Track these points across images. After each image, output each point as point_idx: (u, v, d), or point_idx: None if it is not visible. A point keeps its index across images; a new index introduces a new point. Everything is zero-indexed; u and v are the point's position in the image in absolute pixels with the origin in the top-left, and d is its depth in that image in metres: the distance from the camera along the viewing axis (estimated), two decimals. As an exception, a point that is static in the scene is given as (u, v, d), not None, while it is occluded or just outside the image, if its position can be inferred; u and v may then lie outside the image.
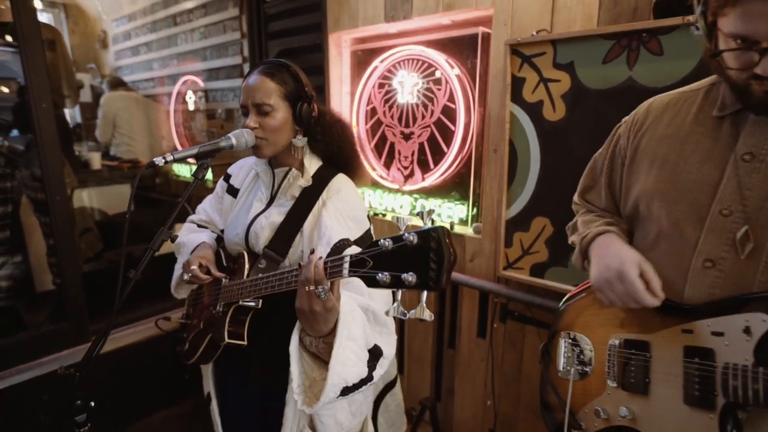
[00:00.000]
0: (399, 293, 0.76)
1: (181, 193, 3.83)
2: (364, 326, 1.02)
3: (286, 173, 1.26)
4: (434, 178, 2.22)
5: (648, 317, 0.91)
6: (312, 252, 0.91)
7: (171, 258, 1.53)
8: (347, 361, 0.96)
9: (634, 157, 0.99)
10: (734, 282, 0.81)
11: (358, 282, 0.82)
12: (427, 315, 0.72)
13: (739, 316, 0.79)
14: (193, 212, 2.81)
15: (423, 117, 2.25)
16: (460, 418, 2.24)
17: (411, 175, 2.34)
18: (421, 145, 2.27)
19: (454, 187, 2.16)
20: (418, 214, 0.74)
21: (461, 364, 2.19)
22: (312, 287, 0.87)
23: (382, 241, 0.76)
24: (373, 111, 2.45)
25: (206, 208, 1.53)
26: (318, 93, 2.53)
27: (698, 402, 0.81)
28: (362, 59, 2.48)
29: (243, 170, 1.43)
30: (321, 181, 1.23)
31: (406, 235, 0.73)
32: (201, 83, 3.63)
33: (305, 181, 1.23)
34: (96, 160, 3.12)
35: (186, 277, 1.26)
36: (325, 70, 2.49)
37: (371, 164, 2.49)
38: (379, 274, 0.76)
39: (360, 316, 1.01)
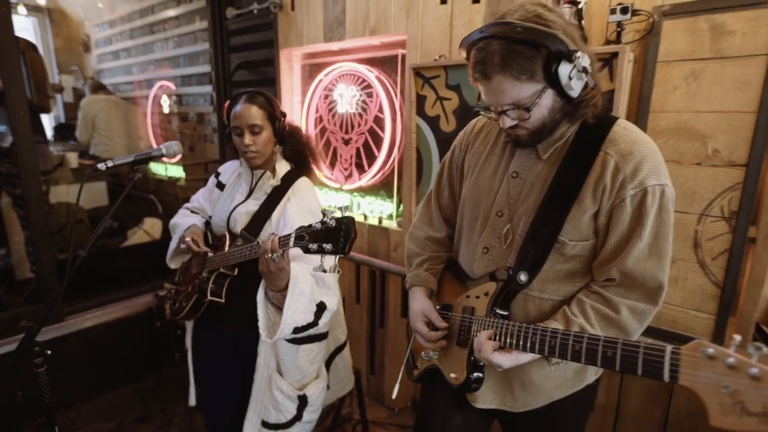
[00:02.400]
0: (324, 257, 1.14)
1: (156, 189, 4.13)
2: (312, 286, 1.41)
3: (262, 174, 1.62)
4: (368, 178, 2.54)
5: (457, 288, 1.23)
6: (273, 235, 1.29)
7: (141, 249, 1.85)
8: (297, 308, 1.34)
9: (463, 167, 1.30)
10: (497, 263, 1.13)
11: (314, 258, 1.23)
12: (337, 269, 1.13)
13: (487, 285, 1.12)
14: (160, 206, 3.17)
15: (359, 125, 2.57)
16: (389, 389, 2.57)
17: (350, 175, 2.66)
18: (358, 149, 2.59)
19: (383, 186, 2.49)
20: (340, 208, 1.11)
21: (389, 341, 2.51)
22: (270, 255, 1.24)
23: (314, 224, 1.14)
24: (320, 118, 2.77)
25: (199, 198, 1.87)
26: (271, 102, 2.86)
27: (461, 343, 1.14)
28: (310, 72, 2.79)
29: (229, 170, 1.78)
30: (288, 181, 1.60)
31: (327, 220, 1.11)
32: (174, 88, 3.93)
33: (275, 181, 1.59)
34: (74, 160, 3.41)
35: (182, 245, 1.62)
36: (278, 82, 2.80)
37: (318, 165, 2.80)
38: (310, 245, 1.14)
39: (309, 279, 1.40)
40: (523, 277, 1.06)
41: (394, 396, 1.32)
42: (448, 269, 1.33)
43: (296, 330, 1.37)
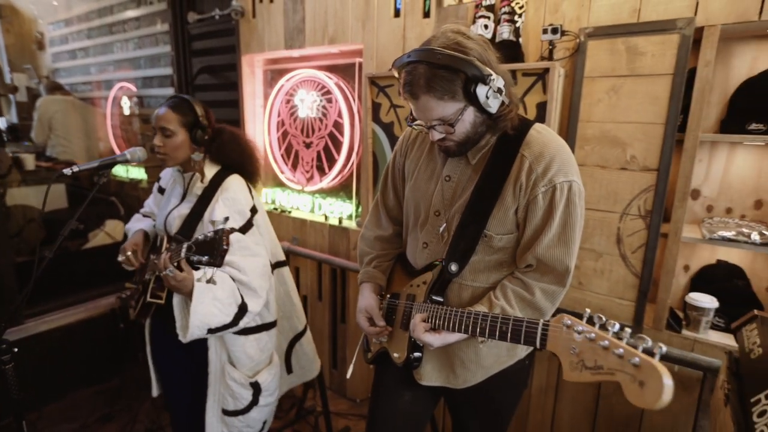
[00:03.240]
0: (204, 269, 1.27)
1: (118, 192, 4.09)
2: (232, 291, 1.47)
3: (191, 177, 1.67)
4: (328, 180, 2.64)
5: (404, 278, 1.36)
6: (166, 252, 1.37)
7: (102, 252, 1.88)
8: (207, 312, 1.41)
9: (404, 171, 1.43)
10: (434, 256, 1.27)
11: (240, 263, 1.40)
12: (211, 280, 1.28)
13: (425, 275, 1.26)
14: (122, 207, 3.17)
15: (320, 129, 2.67)
16: (351, 382, 2.69)
17: (311, 178, 2.75)
18: (319, 152, 2.69)
19: (342, 188, 2.60)
20: (224, 219, 1.25)
21: (350, 336, 2.63)
22: (164, 271, 1.35)
23: (198, 236, 1.27)
24: (282, 122, 2.85)
25: (149, 203, 1.92)
26: (233, 106, 2.92)
27: (404, 326, 1.28)
28: (272, 78, 2.87)
29: (167, 175, 1.84)
30: (216, 182, 1.65)
31: (208, 232, 1.26)
32: (135, 89, 3.90)
33: (203, 183, 1.64)
34: (30, 162, 3.35)
35: (120, 258, 1.67)
36: (240, 86, 2.86)
37: (280, 168, 2.89)
38: (193, 257, 1.26)
39: (229, 284, 1.47)
40: (453, 267, 1.19)
41: (348, 375, 1.46)
42: (398, 262, 1.46)
43: (211, 330, 1.46)
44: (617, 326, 0.79)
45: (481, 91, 1.06)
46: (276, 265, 1.83)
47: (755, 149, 1.61)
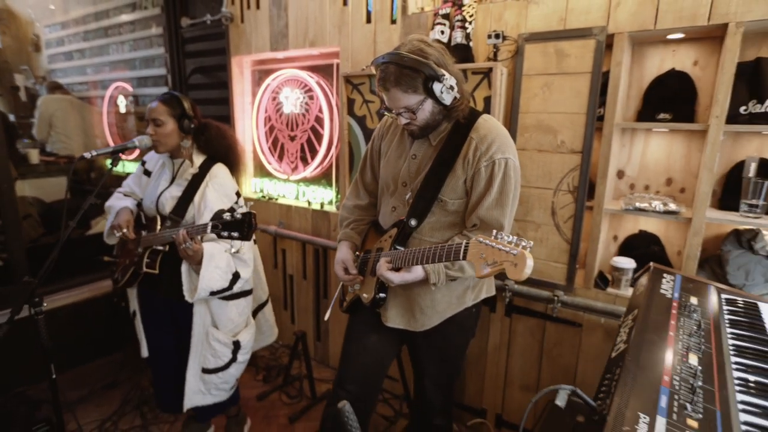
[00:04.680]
0: (235, 242, 1.60)
1: (111, 184, 4.32)
2: (228, 261, 1.80)
3: (181, 163, 1.94)
4: (311, 170, 2.92)
5: (376, 238, 1.66)
6: (182, 229, 1.69)
7: (99, 239, 2.12)
8: (212, 277, 1.73)
9: (380, 151, 1.73)
10: (398, 218, 1.57)
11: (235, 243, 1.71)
12: (238, 245, 1.60)
13: (391, 230, 1.56)
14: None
15: (303, 123, 2.95)
16: (334, 352, 2.97)
17: (296, 168, 3.03)
18: (302, 145, 2.97)
19: (324, 177, 2.88)
20: (246, 205, 1.58)
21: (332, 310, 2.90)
22: (183, 245, 1.66)
23: (226, 215, 1.56)
24: (269, 118, 3.12)
25: (129, 183, 2.16)
26: (224, 104, 3.18)
27: (373, 273, 1.57)
28: (259, 77, 3.14)
29: (154, 159, 2.09)
30: (204, 169, 1.92)
31: (236, 214, 1.56)
32: (131, 89, 4.15)
33: (193, 169, 1.91)
34: (34, 156, 3.59)
35: (117, 234, 1.93)
36: (230, 85, 3.13)
37: (268, 159, 3.17)
38: (222, 232, 1.56)
39: (225, 256, 1.80)
40: (413, 222, 1.51)
41: (326, 318, 1.80)
42: (372, 227, 1.77)
43: (212, 293, 1.80)
44: (507, 237, 1.13)
45: (436, 87, 1.38)
46: None
47: (664, 135, 1.92)
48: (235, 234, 1.59)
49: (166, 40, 3.37)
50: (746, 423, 0.85)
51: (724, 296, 1.42)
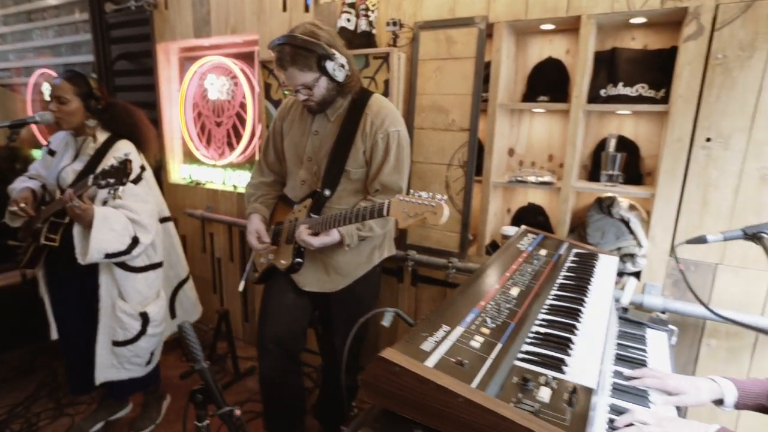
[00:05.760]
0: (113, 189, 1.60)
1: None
2: (126, 225, 1.84)
3: (84, 140, 1.98)
4: (236, 155, 3.00)
5: (286, 210, 1.79)
6: (69, 189, 1.72)
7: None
8: (105, 239, 1.77)
9: (282, 131, 1.85)
10: (311, 189, 1.72)
11: (133, 206, 1.78)
12: (116, 196, 1.61)
13: (306, 201, 1.70)
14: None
15: (228, 110, 3.02)
16: (262, 331, 3.05)
17: (223, 153, 3.10)
18: (228, 130, 3.04)
19: (248, 161, 2.96)
20: (124, 155, 1.57)
21: (258, 291, 2.98)
22: (70, 203, 1.70)
23: (102, 167, 1.61)
24: (196, 104, 3.17)
25: (35, 166, 2.18)
26: (150, 90, 3.20)
27: (289, 241, 1.71)
28: (186, 64, 3.18)
29: (58, 139, 2.12)
30: (108, 145, 1.97)
31: (113, 162, 1.61)
32: (56, 76, 4.05)
33: (96, 144, 1.95)
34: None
35: (12, 209, 1.93)
36: (155, 72, 3.15)
37: (196, 146, 3.21)
38: (101, 181, 1.62)
39: (123, 219, 1.83)
40: (327, 192, 1.68)
41: (240, 289, 1.93)
42: (280, 201, 1.90)
43: (108, 255, 1.81)
44: (423, 194, 1.33)
45: (329, 65, 1.54)
46: (163, 220, 2.19)
47: (545, 116, 2.14)
48: (111, 181, 1.65)
49: (90, 25, 3.34)
50: (533, 332, 1.03)
51: (574, 250, 1.63)
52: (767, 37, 1.47)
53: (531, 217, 2.21)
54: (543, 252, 1.53)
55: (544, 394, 0.81)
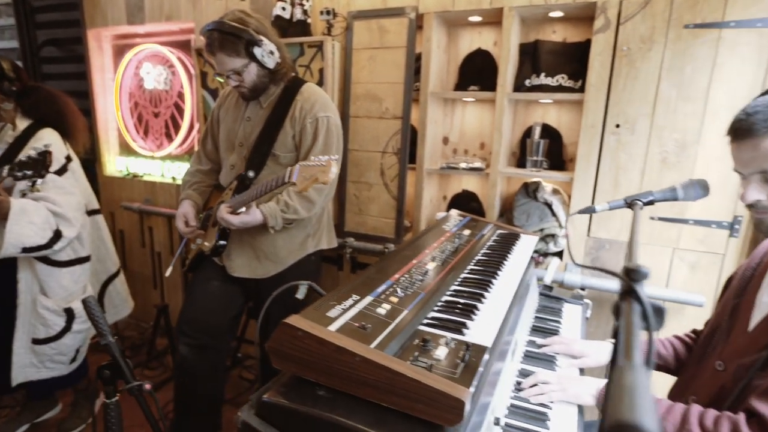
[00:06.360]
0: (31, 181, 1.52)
1: None
2: (47, 218, 1.74)
3: (2, 127, 1.88)
4: (175, 146, 2.93)
5: (217, 195, 1.79)
6: None
7: None
8: (23, 233, 1.67)
9: (218, 119, 1.84)
10: (238, 173, 1.71)
11: (56, 199, 1.68)
12: (39, 185, 1.51)
13: (232, 184, 1.70)
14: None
15: (166, 99, 2.94)
16: (204, 326, 3.00)
17: (161, 144, 3.01)
18: (167, 121, 2.96)
19: (188, 153, 2.90)
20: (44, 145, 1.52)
21: (201, 284, 2.94)
22: None
23: (20, 157, 1.54)
24: (132, 94, 3.07)
25: None
26: (81, 79, 3.07)
27: (215, 225, 1.71)
28: (120, 52, 3.06)
29: None
30: (28, 133, 1.88)
31: (31, 153, 1.54)
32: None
33: (15, 133, 1.86)
34: None
35: None
36: (87, 60, 3.02)
37: (132, 137, 3.11)
38: (18, 173, 1.54)
39: (43, 212, 1.74)
40: (251, 173, 1.68)
41: (167, 274, 1.87)
42: (216, 189, 1.90)
43: (26, 249, 1.70)
44: (319, 157, 1.38)
45: (257, 51, 1.56)
46: (91, 213, 2.11)
47: (476, 105, 2.22)
48: (29, 173, 1.59)
49: (13, 8, 3.16)
50: (443, 301, 1.08)
51: (498, 231, 1.71)
52: (663, 32, 1.60)
53: (465, 203, 2.29)
54: (467, 232, 1.60)
55: (441, 352, 0.86)
